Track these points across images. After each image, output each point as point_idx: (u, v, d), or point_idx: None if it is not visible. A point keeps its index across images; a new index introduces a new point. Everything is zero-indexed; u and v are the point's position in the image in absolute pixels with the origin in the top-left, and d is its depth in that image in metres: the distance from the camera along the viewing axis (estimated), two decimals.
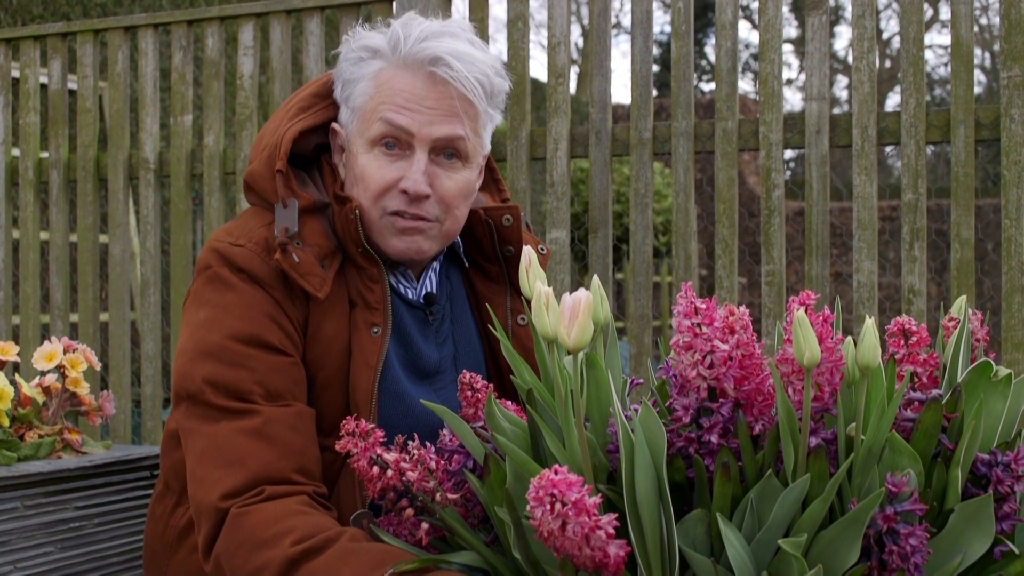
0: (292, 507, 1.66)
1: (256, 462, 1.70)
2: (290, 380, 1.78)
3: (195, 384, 1.76)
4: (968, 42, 3.16)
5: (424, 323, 1.95)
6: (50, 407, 2.30)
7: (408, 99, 1.82)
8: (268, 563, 1.60)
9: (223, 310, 1.79)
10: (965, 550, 1.37)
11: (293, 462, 1.72)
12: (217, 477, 1.70)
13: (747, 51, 22.45)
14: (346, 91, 1.90)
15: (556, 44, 3.67)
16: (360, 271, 1.87)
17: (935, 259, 10.39)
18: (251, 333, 1.77)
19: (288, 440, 1.73)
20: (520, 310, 2.01)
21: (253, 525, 1.64)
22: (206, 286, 1.83)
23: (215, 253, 1.83)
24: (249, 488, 1.69)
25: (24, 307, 4.38)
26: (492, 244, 1.99)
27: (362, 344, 1.83)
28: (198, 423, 1.76)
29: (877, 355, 1.36)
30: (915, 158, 3.21)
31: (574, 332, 1.36)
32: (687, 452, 1.42)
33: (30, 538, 2.07)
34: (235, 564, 1.65)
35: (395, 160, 1.84)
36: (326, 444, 1.81)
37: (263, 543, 1.61)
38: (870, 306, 3.15)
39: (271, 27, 4.04)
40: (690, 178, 3.47)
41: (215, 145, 4.10)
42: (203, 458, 1.73)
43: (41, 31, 4.36)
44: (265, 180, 1.88)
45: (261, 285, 1.80)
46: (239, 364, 1.75)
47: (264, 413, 1.73)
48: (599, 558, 1.26)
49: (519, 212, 1.99)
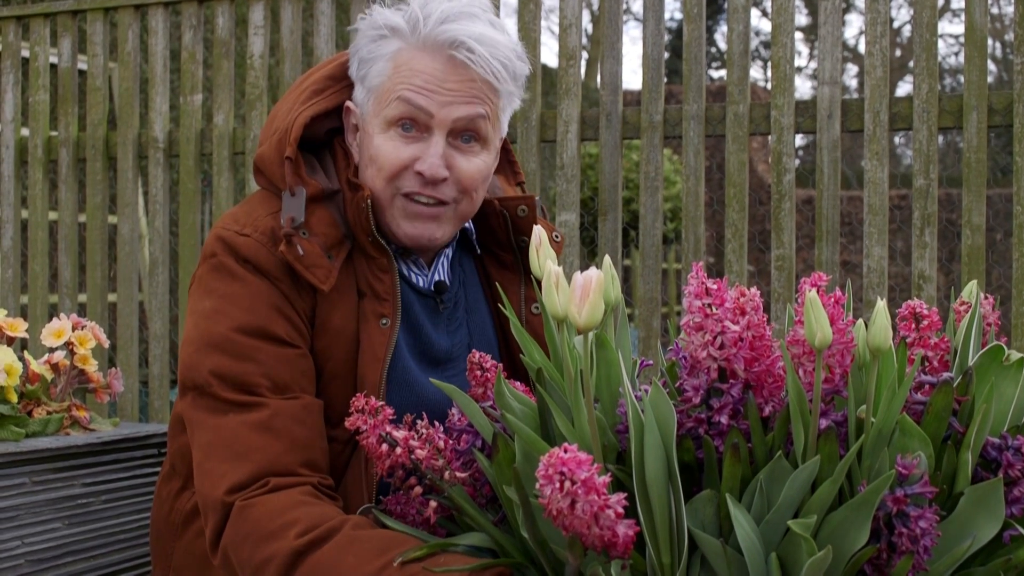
0: (296, 498, 1.66)
1: (262, 456, 1.69)
2: (297, 372, 1.77)
3: (202, 376, 1.75)
4: (982, 27, 3.15)
5: (435, 311, 1.93)
6: (58, 384, 2.30)
7: (428, 80, 1.78)
8: (274, 555, 1.59)
9: (229, 301, 1.78)
10: (975, 533, 1.36)
11: (299, 455, 1.72)
12: (223, 471, 1.70)
13: (757, 39, 22.41)
14: (362, 69, 1.86)
15: (568, 26, 3.66)
16: (370, 260, 1.85)
17: (944, 248, 10.37)
18: (257, 325, 1.76)
19: (294, 433, 1.72)
20: (534, 299, 1.98)
21: (258, 517, 1.64)
22: (211, 274, 1.81)
23: (221, 242, 1.81)
24: (255, 481, 1.68)
25: (32, 286, 4.38)
26: (507, 234, 1.96)
27: (370, 335, 1.82)
28: (205, 415, 1.75)
29: (888, 337, 1.36)
30: (927, 144, 3.20)
31: (585, 311, 1.35)
32: (697, 433, 1.42)
33: (38, 514, 2.08)
34: (242, 557, 1.65)
35: (412, 142, 1.81)
36: (334, 435, 1.81)
37: (268, 535, 1.61)
38: (880, 292, 3.15)
39: (282, 7, 4.03)
40: (700, 161, 3.46)
41: (224, 125, 4.10)
42: (210, 451, 1.73)
43: (51, 9, 4.36)
44: (274, 165, 1.85)
45: (267, 276, 1.78)
46: (246, 357, 1.74)
47: (271, 406, 1.72)
48: (608, 537, 1.25)
49: (535, 202, 1.96)
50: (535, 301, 1.98)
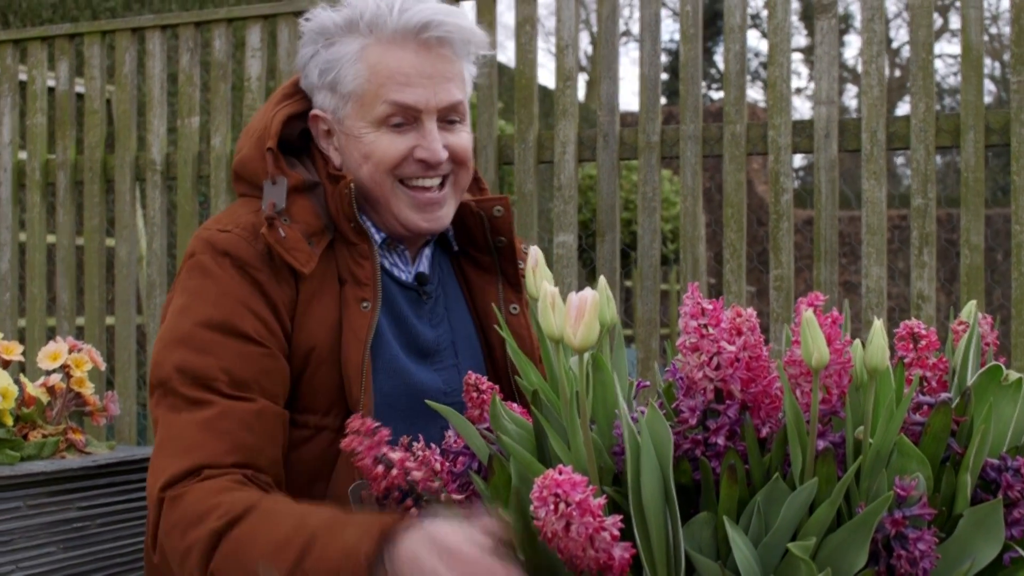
0: (224, 484, 1.65)
1: (201, 452, 1.68)
2: (259, 371, 1.76)
3: (166, 371, 1.75)
4: (978, 47, 3.15)
5: (417, 303, 1.94)
6: (54, 407, 2.29)
7: (408, 75, 1.84)
8: (196, 541, 1.59)
9: (198, 297, 1.79)
10: (974, 555, 1.35)
11: (240, 457, 1.70)
12: (164, 466, 1.69)
13: (756, 59, 22.46)
14: (327, 76, 1.88)
15: (564, 47, 3.66)
16: (351, 248, 1.86)
17: (944, 268, 10.37)
18: (221, 320, 1.76)
19: (238, 437, 1.71)
20: (512, 300, 2.01)
21: (185, 506, 1.63)
22: (187, 274, 1.83)
23: (200, 240, 1.83)
24: (189, 474, 1.67)
25: (30, 309, 4.38)
26: (484, 235, 1.99)
27: (352, 319, 1.82)
28: (164, 412, 1.75)
29: (885, 357, 1.35)
30: (925, 163, 3.20)
31: (580, 331, 1.34)
32: (693, 454, 1.41)
33: (33, 538, 2.06)
34: (172, 546, 1.64)
35: (405, 132, 1.86)
36: (324, 424, 1.81)
37: (193, 522, 1.61)
38: (879, 312, 3.14)
39: (279, 29, 4.04)
40: (698, 182, 3.46)
41: (222, 147, 4.10)
42: (159, 449, 1.73)
43: (48, 32, 4.37)
44: (255, 161, 1.88)
45: (245, 269, 1.79)
46: (206, 350, 1.74)
47: (220, 405, 1.71)
48: (603, 560, 1.24)
49: (509, 202, 2.00)
50: (513, 302, 2.01)
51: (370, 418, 1.72)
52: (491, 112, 3.79)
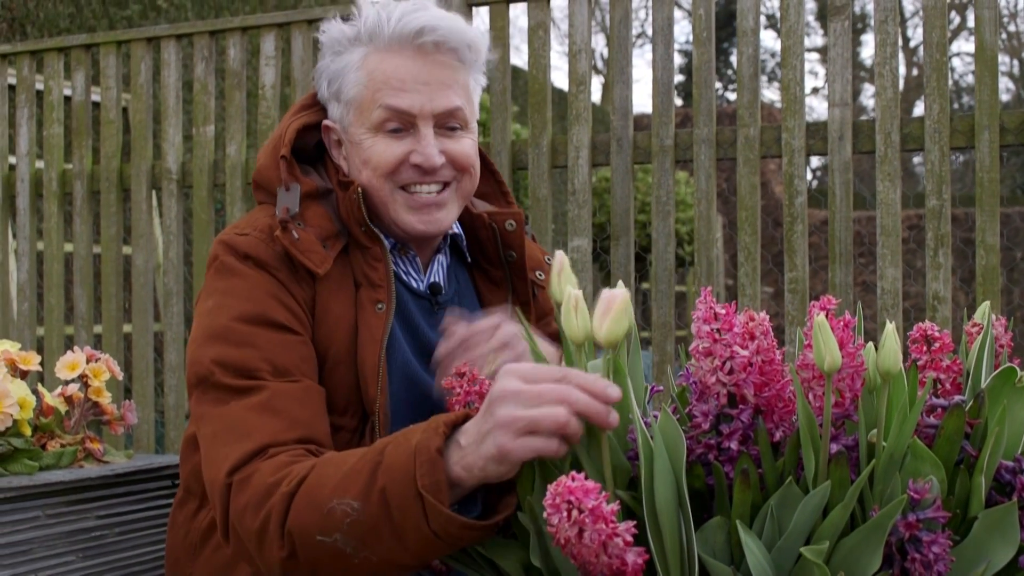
0: (290, 458, 1.65)
1: (262, 434, 1.69)
2: (297, 357, 1.79)
3: (204, 367, 1.77)
4: (992, 46, 3.14)
5: (430, 312, 1.95)
6: (72, 417, 2.30)
7: (403, 80, 1.85)
8: (271, 510, 1.58)
9: (229, 295, 1.81)
10: (989, 558, 1.35)
11: (300, 432, 1.71)
12: (226, 454, 1.69)
13: (772, 60, 22.40)
14: (333, 86, 1.93)
15: (577, 52, 3.66)
16: (364, 251, 1.88)
17: (962, 267, 10.33)
18: (256, 313, 1.78)
19: (295, 413, 1.72)
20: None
21: (255, 484, 1.63)
22: (212, 276, 1.86)
23: (221, 244, 1.86)
24: (254, 456, 1.68)
25: (48, 318, 4.40)
26: (496, 248, 2.00)
27: (367, 320, 1.84)
28: (210, 407, 1.76)
29: (898, 360, 1.35)
30: (939, 164, 3.19)
31: (606, 326, 1.37)
32: (707, 459, 1.41)
33: (52, 547, 2.07)
34: (246, 526, 1.63)
35: (402, 138, 1.87)
36: (341, 423, 1.82)
37: (264, 496, 1.60)
38: (894, 313, 3.12)
39: (293, 37, 4.05)
40: (712, 185, 3.46)
41: (237, 155, 4.11)
42: (214, 440, 1.73)
43: (65, 43, 4.39)
44: (270, 169, 1.92)
45: (266, 268, 1.82)
46: (246, 343, 1.76)
47: (270, 387, 1.73)
48: (617, 566, 1.24)
49: (522, 217, 2.01)
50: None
51: (385, 418, 1.74)
52: (505, 117, 3.80)
